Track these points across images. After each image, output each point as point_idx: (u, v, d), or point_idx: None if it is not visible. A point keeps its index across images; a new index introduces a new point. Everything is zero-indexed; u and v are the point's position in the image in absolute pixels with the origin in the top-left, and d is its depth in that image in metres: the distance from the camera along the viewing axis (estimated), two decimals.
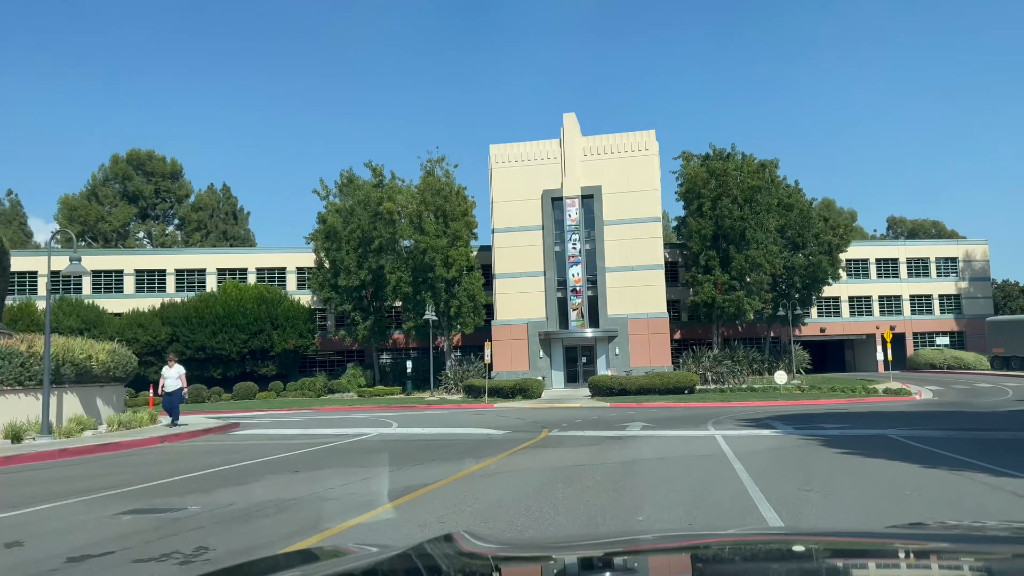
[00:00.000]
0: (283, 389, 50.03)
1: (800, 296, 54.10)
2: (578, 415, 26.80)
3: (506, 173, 49.75)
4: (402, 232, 45.37)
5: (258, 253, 56.39)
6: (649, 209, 48.15)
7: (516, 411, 30.84)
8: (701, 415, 25.40)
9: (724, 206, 49.35)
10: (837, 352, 67.74)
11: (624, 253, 48.09)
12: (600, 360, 48.32)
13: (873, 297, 62.46)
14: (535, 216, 49.18)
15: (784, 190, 53.76)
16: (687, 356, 49.44)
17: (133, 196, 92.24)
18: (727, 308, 49.44)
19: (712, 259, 50.32)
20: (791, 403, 33.77)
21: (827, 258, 52.70)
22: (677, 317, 58.95)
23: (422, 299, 45.81)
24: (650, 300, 47.76)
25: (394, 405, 38.28)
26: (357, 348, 54.78)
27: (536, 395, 40.60)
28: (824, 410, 27.99)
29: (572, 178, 48.83)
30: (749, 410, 28.30)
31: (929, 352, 59.86)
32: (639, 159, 48.52)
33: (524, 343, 48.69)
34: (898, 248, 63.32)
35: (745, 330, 59.71)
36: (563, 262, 49.04)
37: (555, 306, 48.79)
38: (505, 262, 49.30)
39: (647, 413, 27.26)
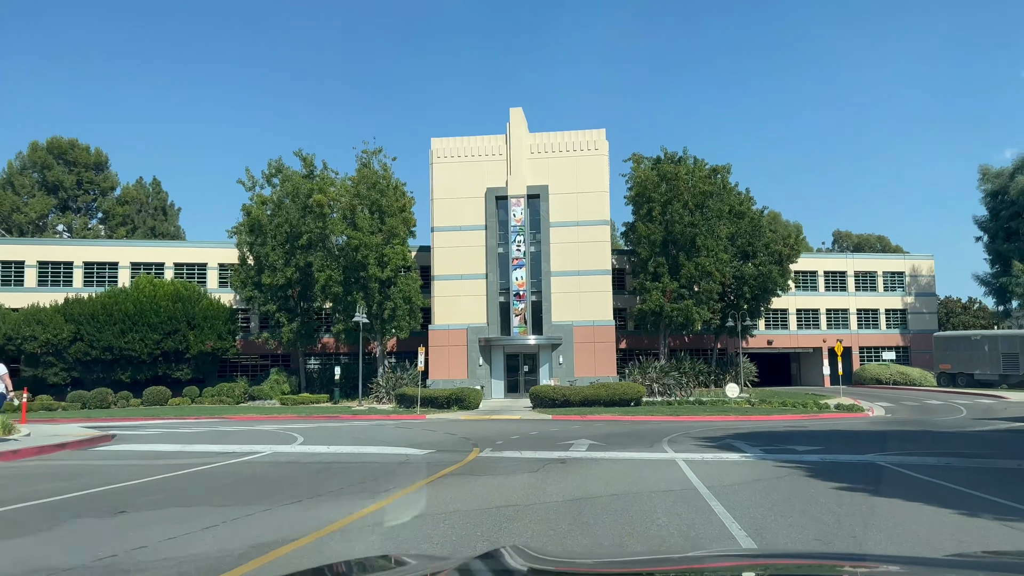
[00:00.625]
0: (199, 395, 45.91)
1: (749, 307, 52.42)
2: (517, 429, 23.92)
3: (448, 169, 46.76)
4: (333, 227, 41.91)
5: (176, 247, 52.01)
6: (597, 211, 45.74)
7: (448, 424, 27.80)
8: (652, 431, 22.78)
9: (675, 211, 47.27)
10: (783, 365, 66.52)
11: (571, 257, 45.55)
12: (543, 369, 45.60)
13: (821, 310, 61.33)
14: (478, 215, 46.29)
15: (735, 197, 52.03)
16: (633, 366, 47.13)
17: (53, 187, 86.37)
18: (675, 317, 47.30)
19: (661, 266, 48.16)
20: (744, 418, 31.60)
21: (777, 268, 51.11)
22: (623, 326, 56.69)
23: (353, 300, 42.41)
24: (596, 307, 45.30)
25: (314, 415, 34.80)
26: (282, 352, 50.92)
27: (473, 405, 37.61)
28: (783, 427, 25.72)
29: (518, 176, 46.13)
30: (703, 426, 25.84)
31: (875, 367, 58.93)
32: (588, 159, 46.11)
33: (463, 349, 45.66)
34: (846, 261, 62.40)
35: (692, 341, 57.83)
36: (506, 265, 46.24)
37: (497, 311, 45.95)
38: (445, 263, 46.24)
39: (593, 428, 24.53)
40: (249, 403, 45.41)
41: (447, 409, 37.58)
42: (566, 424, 27.61)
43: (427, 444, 18.14)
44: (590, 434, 21.30)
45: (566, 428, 24.73)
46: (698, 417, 31.72)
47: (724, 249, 49.20)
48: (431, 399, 38.53)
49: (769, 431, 23.79)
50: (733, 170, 51.72)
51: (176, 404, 44.68)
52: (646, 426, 25.95)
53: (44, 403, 42.20)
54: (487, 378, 45.49)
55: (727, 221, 50.22)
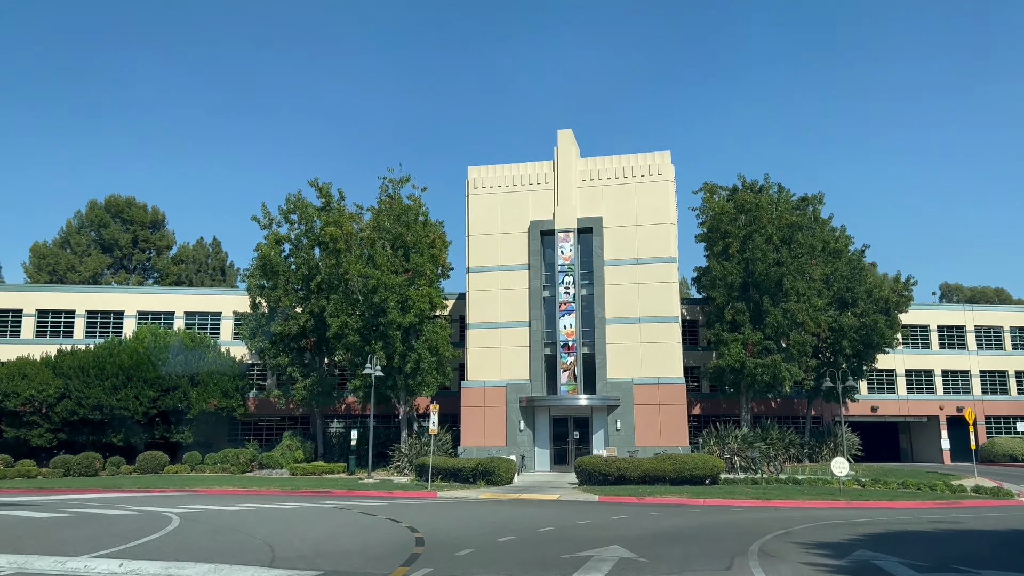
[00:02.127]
0: (200, 461, 39.87)
1: (849, 365, 43.54)
2: (532, 521, 16.54)
3: (486, 201, 40.49)
4: (348, 265, 35.85)
5: (188, 294, 46.95)
6: (662, 246, 38.43)
7: (453, 507, 20.56)
8: (733, 528, 15.07)
9: (756, 247, 39.51)
10: (890, 437, 56.39)
11: (630, 301, 38.17)
12: (597, 436, 37.81)
13: (935, 372, 51.55)
14: (520, 253, 39.62)
15: (830, 233, 43.91)
16: (708, 435, 38.83)
17: (108, 245, 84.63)
18: (759, 375, 38.97)
19: (741, 313, 40.17)
20: (860, 505, 23.36)
21: (883, 319, 42.31)
22: (697, 388, 48.42)
23: (372, 350, 35.97)
24: (662, 361, 37.53)
25: (301, 490, 27.99)
26: (301, 414, 44.70)
27: (504, 480, 30.19)
28: (928, 523, 17.53)
29: (566, 207, 39.42)
30: (807, 518, 17.83)
31: (1008, 440, 48.54)
32: (650, 186, 39.10)
33: (501, 411, 38.39)
34: (964, 313, 52.71)
35: (780, 406, 48.94)
36: (553, 310, 39.15)
37: (541, 365, 38.68)
38: (481, 309, 39.51)
39: (645, 520, 16.91)
40: (253, 473, 39.09)
41: (471, 484, 30.30)
42: (611, 510, 19.96)
43: (339, 553, 11.06)
44: (635, 533, 13.76)
45: (605, 519, 17.12)
46: (796, 502, 23.58)
47: (818, 293, 40.90)
48: (455, 471, 31.36)
49: (912, 530, 15.68)
50: (826, 203, 43.74)
51: (173, 472, 38.72)
52: (724, 516, 18.12)
53: (24, 469, 36.83)
54: (529, 446, 37.94)
55: (820, 260, 42.03)
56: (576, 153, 40.49)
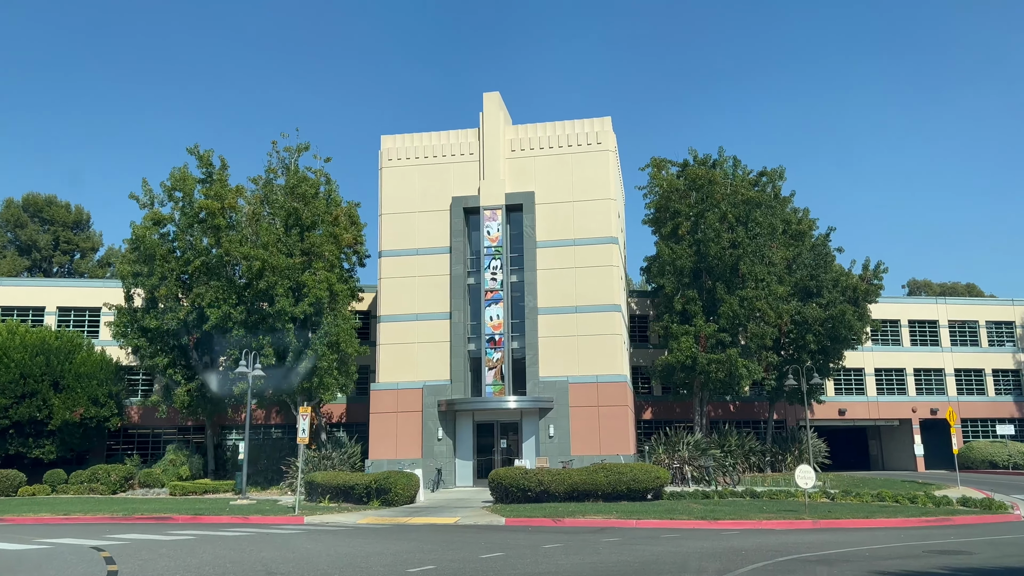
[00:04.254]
0: (64, 480, 33.76)
1: (814, 362, 38.90)
2: (365, 561, 11.21)
3: (402, 175, 35.17)
4: (228, 245, 30.23)
5: (60, 286, 40.72)
6: (602, 226, 33.42)
7: (268, 543, 15.06)
8: (651, 570, 9.87)
9: (709, 226, 34.70)
10: (858, 442, 51.99)
11: (566, 288, 33.08)
12: (528, 444, 32.53)
13: (907, 370, 47.23)
14: (440, 234, 34.31)
15: (792, 213, 39.36)
16: (657, 442, 33.77)
17: (26, 247, 77.78)
18: (713, 372, 34.07)
19: (692, 302, 35.29)
20: (825, 524, 18.54)
21: (852, 309, 37.76)
22: (648, 391, 43.48)
23: (259, 346, 30.34)
24: (603, 357, 32.44)
25: (139, 516, 22.22)
26: (194, 423, 38.74)
27: (403, 499, 24.75)
28: (919, 550, 12.69)
29: (493, 182, 34.26)
30: (759, 547, 12.75)
31: (987, 445, 44.23)
32: (588, 157, 34.12)
33: (417, 417, 32.93)
34: (937, 307, 48.53)
35: (738, 410, 44.20)
36: (478, 300, 33.90)
37: (464, 363, 33.35)
38: (394, 299, 34.09)
39: (534, 558, 11.66)
40: (127, 494, 33.15)
41: (364, 504, 24.83)
42: (508, 539, 14.66)
43: None
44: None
45: (473, 556, 11.79)
46: (751, 522, 18.58)
47: (779, 280, 36.23)
48: (347, 490, 25.89)
49: (908, 572, 10.61)
50: (786, 183, 39.17)
51: (29, 494, 32.59)
52: (647, 548, 12.95)
53: None
54: (449, 457, 32.51)
55: (781, 243, 37.39)
56: (505, 119, 35.41)
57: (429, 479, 30.76)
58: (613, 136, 34.57)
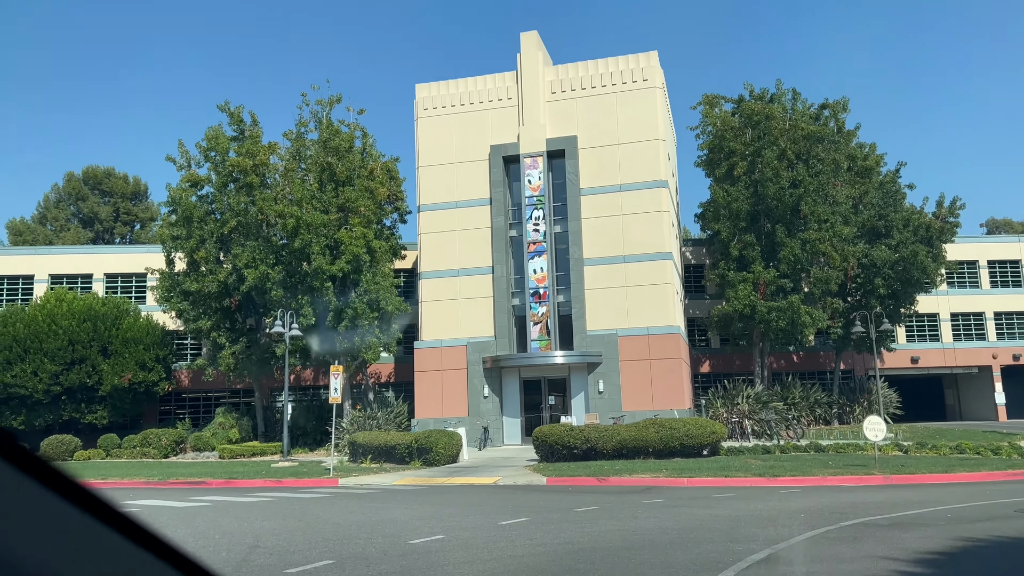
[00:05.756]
0: (118, 445, 34.05)
1: (884, 308, 36.31)
2: (394, 527, 10.12)
3: (438, 124, 33.73)
4: (262, 203, 29.44)
5: (107, 252, 40.81)
6: (650, 169, 31.44)
7: (309, 506, 14.16)
8: (713, 535, 8.48)
9: (767, 165, 32.35)
10: (933, 392, 49.15)
11: (613, 237, 31.37)
12: (576, 400, 31.26)
13: (986, 314, 44.10)
14: (480, 186, 32.90)
15: (857, 148, 36.55)
16: (714, 396, 32.11)
17: (88, 219, 79.69)
18: (774, 321, 32.05)
19: (750, 247, 33.17)
20: (898, 480, 16.87)
21: (925, 250, 35.03)
22: (705, 343, 41.64)
23: (299, 305, 29.67)
24: (654, 308, 30.76)
25: (175, 480, 21.78)
26: (244, 386, 38.67)
27: (444, 458, 23.82)
28: (1011, 510, 10.89)
29: (533, 127, 32.54)
30: (822, 508, 11.20)
31: None
32: (634, 95, 32.03)
33: (462, 375, 31.96)
34: (1021, 245, 44.99)
35: (802, 360, 41.99)
36: (520, 252, 32.48)
37: (508, 319, 32.11)
38: (435, 254, 32.95)
39: (564, 524, 10.38)
40: (178, 457, 33.23)
41: (406, 465, 24.04)
42: (545, 501, 13.47)
43: None
44: (530, 564, 7.24)
45: (505, 530, 10.56)
46: (814, 479, 16.98)
47: (844, 220, 33.72)
48: (389, 450, 25.11)
49: (1007, 538, 8.93)
50: (851, 116, 36.39)
51: (85, 458, 32.96)
52: (704, 510, 11.56)
53: None
54: (496, 415, 31.50)
55: (846, 181, 34.77)
56: (544, 60, 33.50)
57: (475, 437, 29.87)
58: (660, 72, 32.35)
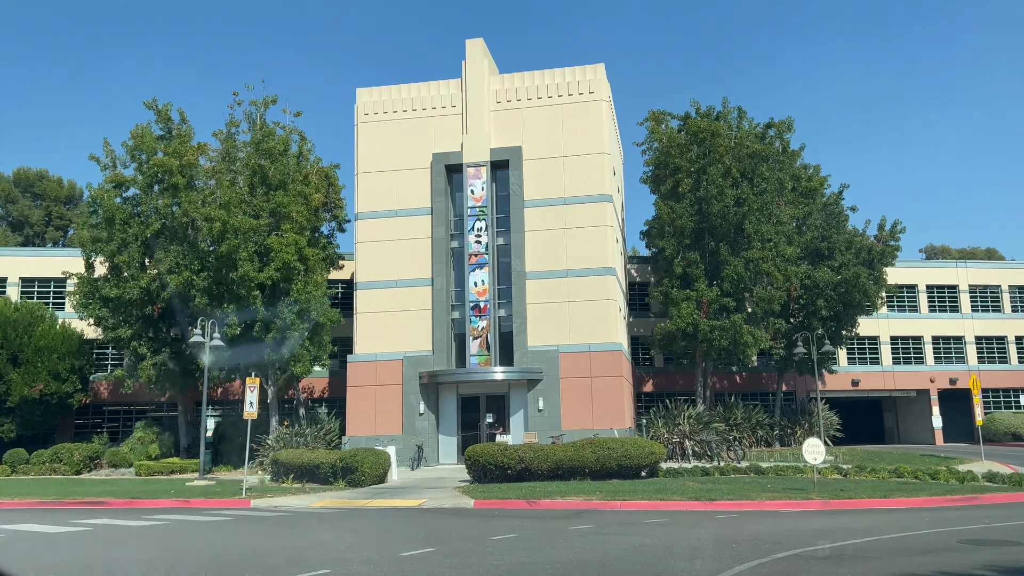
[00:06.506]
0: (27, 460, 31.79)
1: (826, 329, 36.23)
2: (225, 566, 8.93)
3: (380, 131, 32.63)
4: (187, 205, 27.88)
5: (23, 255, 38.53)
6: (595, 183, 30.81)
7: (151, 537, 12.82)
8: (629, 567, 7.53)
9: (712, 181, 32.03)
10: (872, 415, 49.47)
11: (556, 251, 30.59)
12: (515, 418, 30.24)
13: (924, 338, 44.57)
14: (421, 195, 31.84)
15: (801, 169, 36.60)
16: (656, 415, 31.45)
17: (18, 223, 76.01)
18: (717, 340, 31.60)
19: (694, 265, 32.75)
20: (837, 505, 16.26)
21: (867, 272, 35.11)
22: (649, 362, 41.12)
23: (224, 314, 28.09)
24: (596, 325, 30.01)
25: (70, 500, 20.02)
26: (168, 399, 36.67)
27: (371, 478, 22.52)
28: (952, 541, 10.26)
29: (477, 136, 31.68)
30: (756, 538, 10.35)
31: (1010, 416, 41.71)
32: (580, 107, 31.45)
33: (397, 391, 30.68)
34: (957, 271, 45.72)
35: (745, 381, 41.77)
36: (462, 264, 31.47)
37: (447, 333, 31.00)
38: (372, 264, 31.73)
39: (490, 558, 9.33)
40: (91, 474, 31.16)
41: (329, 485, 22.67)
42: (464, 527, 12.37)
43: None
44: None
45: (405, 563, 9.45)
46: (752, 503, 16.24)
47: (787, 240, 33.59)
48: (312, 469, 23.69)
49: (940, 571, 8.18)
50: (796, 138, 36.46)
51: None
52: (632, 538, 10.62)
53: None
54: (431, 432, 30.27)
55: (790, 201, 34.71)
56: (490, 69, 32.74)
57: (408, 456, 28.60)
58: (607, 85, 31.86)
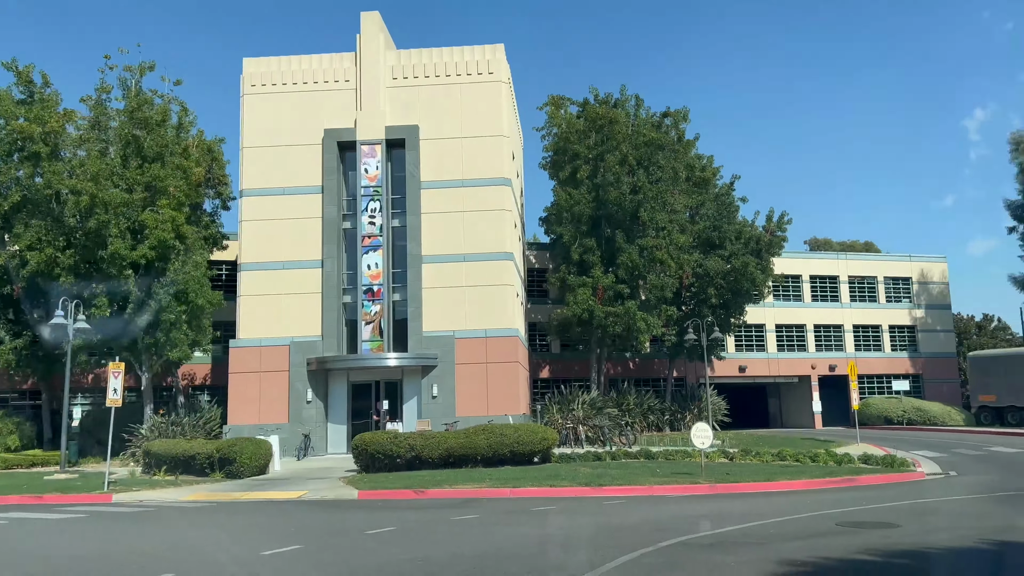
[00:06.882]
0: None
1: (716, 317, 37.10)
2: None
3: (268, 103, 30.97)
4: (50, 176, 25.58)
5: None
6: (494, 165, 30.28)
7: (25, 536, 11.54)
8: (508, 561, 7.01)
9: (609, 169, 32.11)
10: (758, 400, 51.33)
11: (453, 234, 29.89)
12: (409, 405, 29.47)
13: (807, 326, 46.52)
14: (311, 172, 30.45)
15: (695, 158, 37.27)
16: (551, 401, 31.39)
17: None
18: (612, 326, 31.81)
19: (591, 252, 32.81)
20: (723, 489, 16.39)
21: (755, 261, 36.18)
22: (546, 348, 41.10)
23: (93, 295, 25.99)
24: (493, 310, 29.55)
25: None
26: (31, 387, 33.92)
27: (251, 469, 21.32)
28: (831, 525, 10.34)
29: (372, 113, 30.54)
30: (641, 525, 10.10)
31: (882, 401, 44.12)
32: (480, 88, 30.79)
33: (284, 378, 29.31)
34: (839, 263, 47.91)
35: (638, 368, 42.42)
36: (354, 246, 30.33)
37: (338, 317, 29.84)
38: (258, 244, 30.14)
39: (361, 556, 8.63)
40: None
41: (205, 477, 21.32)
42: (340, 520, 11.62)
43: None
44: None
45: (263, 562, 8.64)
46: (640, 488, 16.16)
47: (680, 229, 34.11)
48: (187, 460, 22.22)
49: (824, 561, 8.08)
50: (690, 129, 37.12)
51: None
52: (517, 527, 10.18)
53: None
54: (320, 421, 29.12)
55: (684, 191, 35.26)
56: (387, 43, 31.60)
57: (295, 446, 27.39)
58: (507, 66, 31.33)
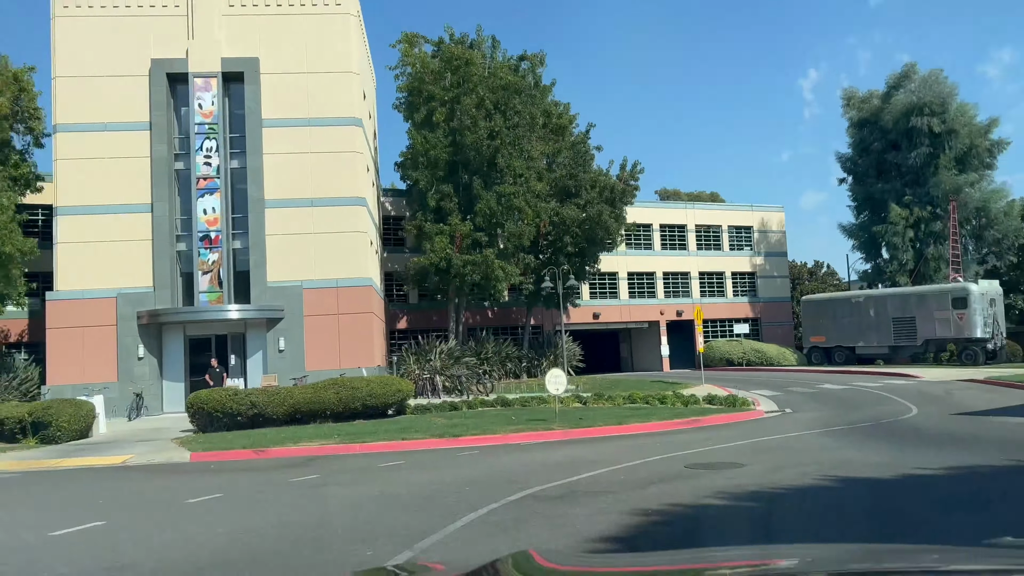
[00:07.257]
0: None
1: (572, 265, 37.46)
2: None
3: (84, 27, 27.49)
4: None
5: None
6: (343, 104, 28.51)
7: None
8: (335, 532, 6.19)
9: (466, 112, 31.10)
10: (611, 346, 52.86)
11: (301, 177, 28.01)
12: (253, 360, 27.74)
13: (657, 274, 48.07)
14: (138, 107, 27.45)
15: (552, 104, 36.95)
16: (407, 352, 30.61)
17: None
18: (470, 275, 31.23)
19: (448, 199, 31.90)
20: (576, 434, 16.44)
21: (610, 210, 36.64)
22: (403, 298, 40.11)
23: None
24: (345, 258, 28.13)
25: None
26: None
27: (70, 433, 19.23)
28: (680, 467, 10.33)
29: (207, 43, 27.81)
30: (490, 479, 9.65)
31: (724, 344, 46.58)
32: (326, 20, 28.72)
33: (111, 332, 26.71)
34: (686, 212, 49.62)
35: (497, 316, 42.36)
36: (188, 189, 27.80)
37: (171, 266, 27.40)
38: (77, 186, 27.00)
39: (165, 533, 7.52)
40: None
41: (15, 444, 19.01)
42: (160, 487, 10.45)
43: None
44: None
45: (75, 539, 7.38)
46: (497, 437, 15.84)
47: (538, 176, 33.83)
48: None
49: (680, 508, 7.88)
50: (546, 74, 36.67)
51: None
52: (356, 488, 9.46)
53: None
54: (154, 379, 26.86)
55: (541, 137, 34.92)
56: None
57: (125, 406, 25.14)
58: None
